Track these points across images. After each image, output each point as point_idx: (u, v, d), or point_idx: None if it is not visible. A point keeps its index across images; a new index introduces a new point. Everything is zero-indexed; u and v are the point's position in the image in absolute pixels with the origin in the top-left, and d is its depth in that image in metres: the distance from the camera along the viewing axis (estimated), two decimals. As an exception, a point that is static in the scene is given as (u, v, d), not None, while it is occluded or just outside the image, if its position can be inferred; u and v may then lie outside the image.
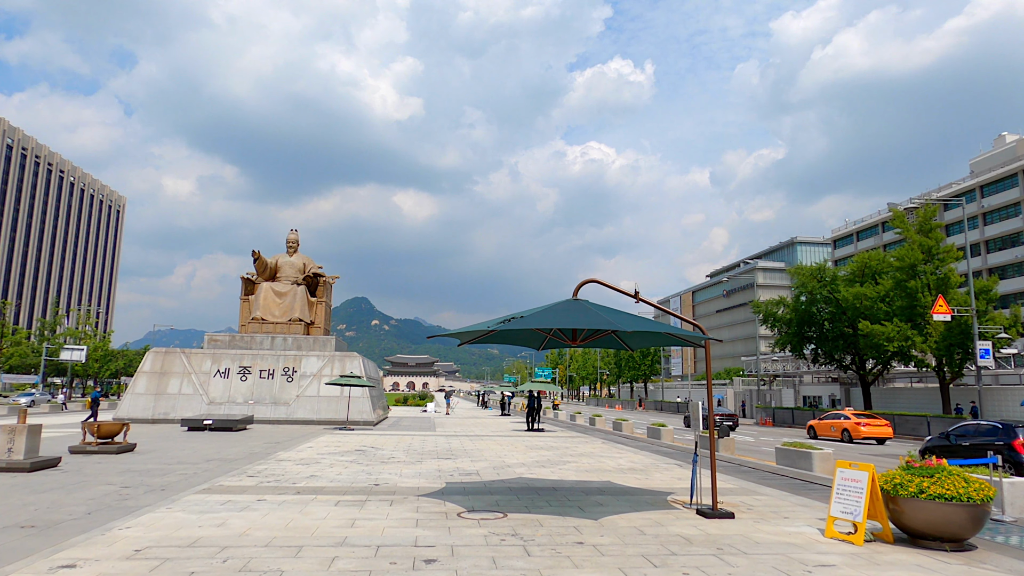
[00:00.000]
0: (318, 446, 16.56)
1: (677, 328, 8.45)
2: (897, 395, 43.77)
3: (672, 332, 8.35)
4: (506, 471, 12.42)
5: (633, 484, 11.00)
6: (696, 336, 8.27)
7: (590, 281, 9.03)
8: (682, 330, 8.34)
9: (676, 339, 9.15)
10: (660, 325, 8.45)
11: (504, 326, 7.57)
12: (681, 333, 8.23)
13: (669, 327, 8.38)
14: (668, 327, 8.39)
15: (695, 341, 9.12)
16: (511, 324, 7.66)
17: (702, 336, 8.21)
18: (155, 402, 25.15)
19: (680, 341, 9.21)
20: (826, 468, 13.49)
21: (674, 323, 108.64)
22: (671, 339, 9.27)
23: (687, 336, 8.50)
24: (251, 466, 12.23)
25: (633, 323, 7.93)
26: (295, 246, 31.62)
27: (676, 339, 9.15)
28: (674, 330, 8.27)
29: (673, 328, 8.37)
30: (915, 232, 34.76)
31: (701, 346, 9.15)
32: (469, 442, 19.14)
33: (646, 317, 9.34)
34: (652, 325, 8.24)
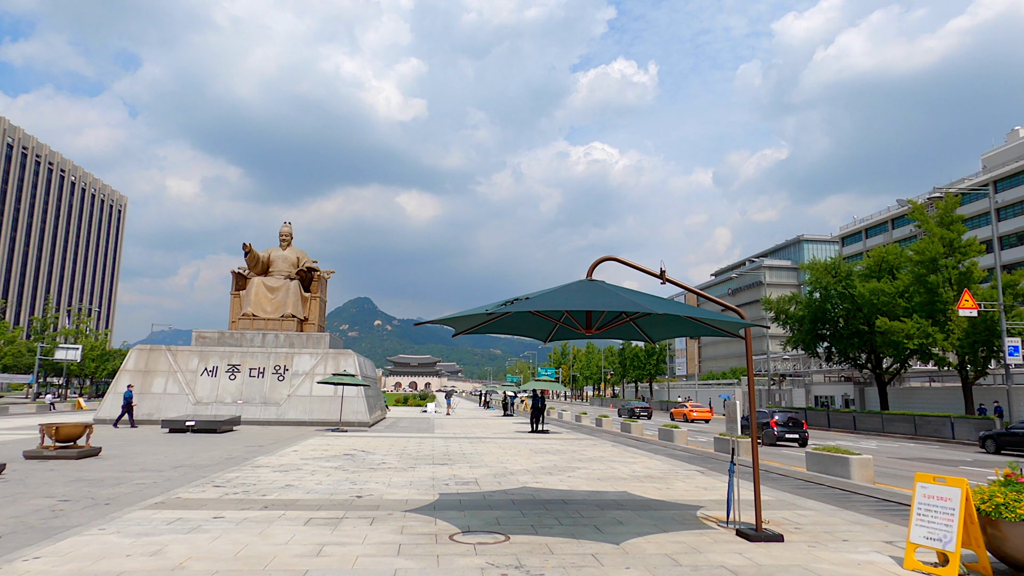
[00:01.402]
0: (304, 450, 15.22)
1: (713, 313, 7.07)
2: (915, 395, 42.26)
3: (707, 319, 6.98)
4: (508, 479, 11.05)
5: (654, 495, 9.62)
6: (734, 322, 6.89)
7: (608, 259, 7.66)
8: (718, 315, 6.95)
9: (709, 327, 7.76)
10: (694, 309, 7.07)
11: (506, 308, 6.22)
12: (717, 318, 6.85)
13: (704, 311, 7.00)
14: (703, 311, 7.01)
15: (730, 329, 7.74)
16: (514, 307, 6.30)
17: (741, 323, 6.82)
18: (138, 402, 23.80)
19: (713, 329, 7.84)
20: (865, 476, 12.10)
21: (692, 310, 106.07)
22: (702, 327, 7.89)
23: (723, 323, 7.12)
24: (222, 474, 10.88)
25: (663, 305, 6.56)
26: (288, 239, 30.31)
27: (709, 327, 7.76)
28: (710, 315, 6.90)
29: (709, 313, 6.99)
30: (935, 225, 33.29)
31: (738, 336, 7.78)
32: (469, 445, 17.78)
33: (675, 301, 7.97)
34: (685, 309, 6.86)
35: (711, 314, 6.92)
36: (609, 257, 7.69)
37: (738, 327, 7.35)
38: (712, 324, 7.66)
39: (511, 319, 8.38)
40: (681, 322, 8.08)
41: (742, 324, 6.95)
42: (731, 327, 7.44)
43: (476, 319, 7.73)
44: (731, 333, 7.84)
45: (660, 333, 8.85)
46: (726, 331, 7.83)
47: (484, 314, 6.81)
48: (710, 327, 7.83)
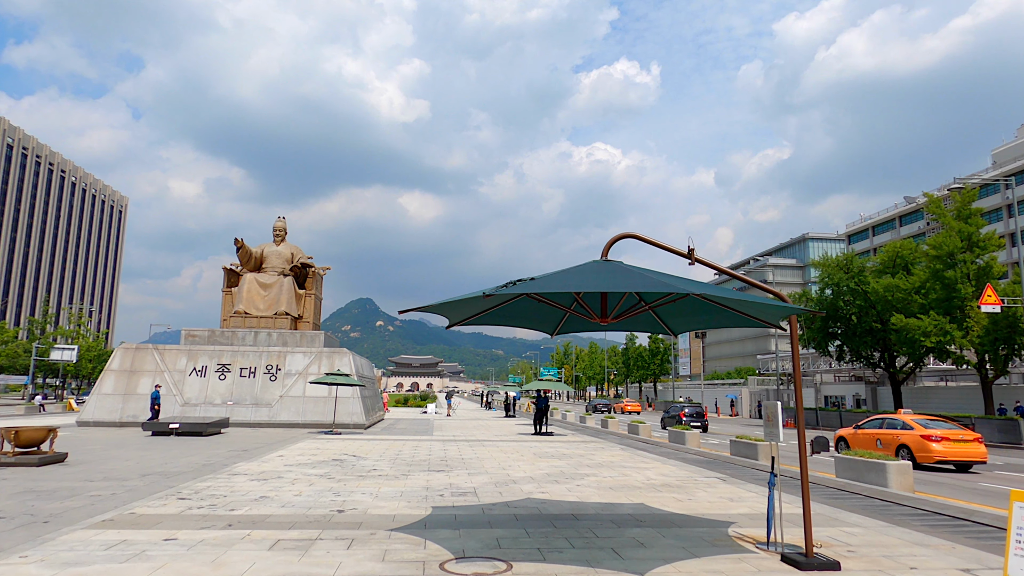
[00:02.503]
0: (290, 454, 14.13)
1: (754, 297, 5.95)
2: (929, 394, 41.07)
3: (748, 301, 5.88)
4: (511, 489, 9.95)
5: (675, 508, 8.51)
6: (779, 308, 5.77)
7: (626, 236, 6.56)
8: (760, 299, 5.84)
9: (745, 315, 6.65)
10: (732, 292, 5.94)
11: (507, 291, 5.12)
12: (759, 302, 5.74)
13: (742, 296, 5.88)
14: (741, 295, 5.89)
15: (771, 318, 6.64)
16: (516, 288, 5.21)
17: (785, 309, 5.72)
18: (123, 403, 22.80)
19: (747, 319, 6.73)
20: (904, 483, 10.97)
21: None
22: (736, 316, 6.77)
23: (765, 309, 6.01)
24: (192, 483, 9.80)
25: (697, 287, 5.45)
26: (282, 234, 29.25)
27: (745, 315, 6.65)
28: (750, 299, 5.79)
29: (750, 297, 5.87)
30: (952, 218, 32.10)
31: (778, 326, 6.67)
32: (468, 449, 16.68)
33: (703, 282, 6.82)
34: (723, 292, 5.73)
35: (751, 298, 5.80)
36: (628, 234, 6.59)
37: (781, 315, 6.25)
38: (749, 313, 6.56)
39: (513, 308, 7.29)
40: (710, 310, 6.97)
41: (788, 311, 5.84)
42: (773, 315, 6.33)
43: (472, 306, 6.64)
44: (770, 323, 6.74)
45: (683, 323, 7.74)
46: (764, 320, 6.72)
47: (480, 298, 5.72)
48: (746, 315, 6.73)
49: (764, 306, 5.83)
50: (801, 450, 5.99)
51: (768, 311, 6.06)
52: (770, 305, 5.67)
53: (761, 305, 5.82)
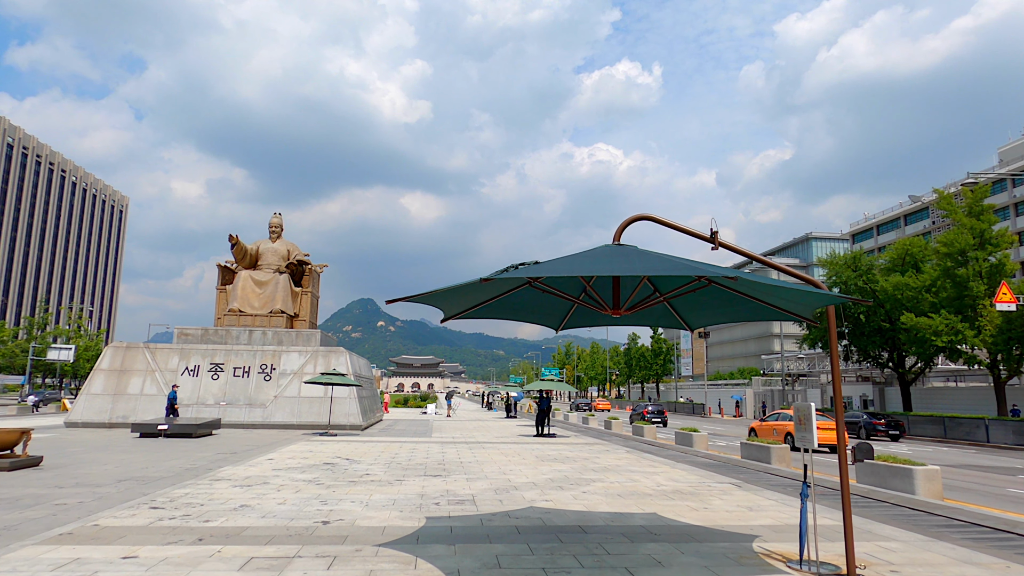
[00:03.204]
0: (281, 458, 13.45)
1: (786, 283, 5.25)
2: (939, 395, 40.28)
3: (783, 287, 5.19)
4: (512, 496, 9.26)
5: (690, 518, 7.81)
6: (817, 296, 5.08)
7: (642, 218, 5.86)
8: (794, 286, 5.13)
9: (773, 307, 5.95)
10: (763, 278, 5.22)
11: (509, 275, 4.44)
12: (795, 289, 5.04)
13: (778, 282, 5.18)
14: (777, 281, 5.19)
15: (803, 310, 5.94)
16: (518, 272, 4.52)
17: (824, 297, 5.02)
18: (113, 404, 22.14)
19: (776, 311, 6.02)
20: (932, 490, 10.27)
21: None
22: (764, 308, 6.07)
23: (800, 298, 5.31)
24: (170, 490, 9.12)
25: (724, 272, 4.75)
26: (278, 231, 28.60)
27: (773, 307, 5.95)
28: (784, 285, 5.09)
29: (783, 283, 5.17)
30: (964, 215, 31.36)
31: (810, 319, 5.98)
32: (468, 452, 15.99)
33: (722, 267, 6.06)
34: (758, 279, 5.02)
35: (786, 285, 5.10)
36: (643, 215, 5.89)
37: (817, 305, 5.55)
38: (778, 304, 5.86)
39: (515, 299, 6.60)
40: (732, 301, 6.27)
41: (827, 299, 5.15)
42: (808, 305, 5.62)
43: (468, 296, 5.95)
44: (800, 316, 6.04)
45: (701, 316, 7.04)
46: (793, 313, 6.02)
47: (477, 285, 5.04)
48: (773, 307, 6.02)
49: (800, 294, 5.14)
50: (842, 457, 5.30)
51: (803, 301, 5.37)
52: (808, 293, 4.97)
53: (797, 293, 5.12)
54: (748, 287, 5.47)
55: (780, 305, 5.95)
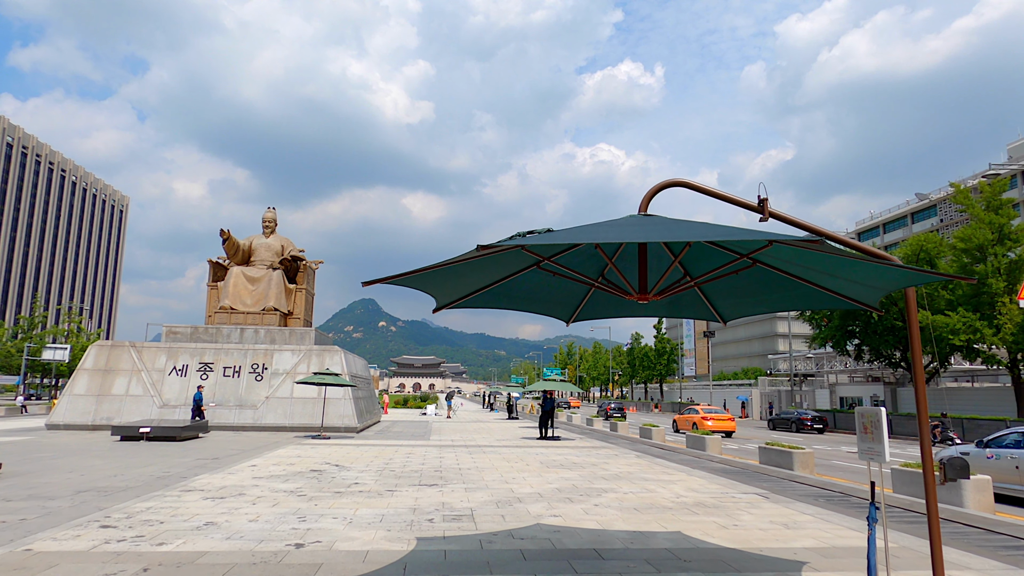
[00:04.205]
0: (264, 464, 12.45)
1: (873, 260, 4.21)
2: (954, 396, 39.18)
3: (856, 256, 4.17)
4: (516, 511, 8.25)
5: (720, 538, 6.80)
6: (903, 276, 4.06)
7: (673, 184, 4.85)
8: (871, 263, 4.10)
9: (838, 296, 4.93)
10: (837, 249, 4.14)
11: (515, 242, 3.43)
12: (878, 266, 4.02)
13: (865, 255, 4.13)
14: (850, 256, 4.14)
15: (868, 298, 4.93)
16: (530, 239, 3.52)
17: (908, 277, 4.01)
18: (97, 405, 21.16)
19: (830, 297, 5.01)
20: (983, 502, 9.25)
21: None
22: (816, 294, 5.05)
23: (873, 277, 4.29)
24: (132, 503, 8.13)
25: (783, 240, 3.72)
26: (272, 226, 27.62)
27: (838, 296, 4.93)
28: (867, 261, 4.06)
29: (864, 258, 4.13)
30: (982, 210, 30.30)
31: (875, 308, 4.96)
32: (467, 456, 14.98)
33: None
34: (842, 251, 3.96)
35: (868, 260, 4.05)
36: (675, 181, 4.88)
37: (895, 286, 4.51)
38: (840, 292, 4.84)
39: (520, 285, 5.59)
40: (777, 285, 5.25)
41: (913, 279, 4.12)
42: (882, 286, 4.59)
43: (463, 279, 4.93)
44: (863, 303, 5.02)
45: (737, 305, 6.01)
46: (858, 300, 4.99)
47: (471, 266, 4.04)
48: (830, 292, 5.00)
49: (877, 273, 4.12)
50: (928, 476, 4.28)
51: (879, 280, 4.33)
52: (890, 271, 3.95)
53: (878, 271, 4.09)
54: (813, 263, 4.44)
55: (841, 289, 4.92)
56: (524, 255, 4.91)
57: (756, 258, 4.93)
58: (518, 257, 4.99)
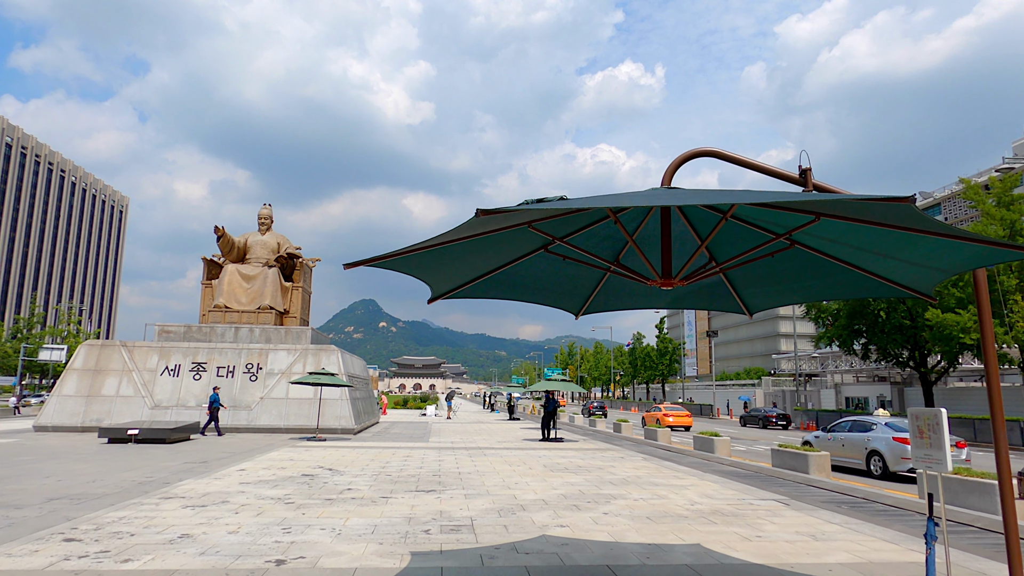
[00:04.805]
0: (254, 468, 11.84)
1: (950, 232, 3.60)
2: (963, 396, 38.55)
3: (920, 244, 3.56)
4: (519, 520, 7.64)
5: (745, 552, 6.18)
6: (978, 252, 3.46)
7: (702, 154, 4.25)
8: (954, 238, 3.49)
9: (874, 278, 4.33)
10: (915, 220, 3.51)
11: (522, 207, 2.83)
12: (957, 239, 3.41)
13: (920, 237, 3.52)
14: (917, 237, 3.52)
15: (921, 286, 4.33)
16: (543, 205, 2.91)
17: (986, 254, 3.41)
18: (86, 406, 20.56)
19: (878, 284, 4.41)
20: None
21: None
22: (861, 279, 4.44)
23: (939, 255, 3.68)
24: (104, 513, 7.52)
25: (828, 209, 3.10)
26: (268, 223, 27.02)
27: (874, 278, 4.33)
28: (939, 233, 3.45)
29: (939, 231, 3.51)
30: (992, 206, 29.66)
31: (927, 296, 4.37)
32: (467, 459, 14.37)
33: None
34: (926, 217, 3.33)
35: (932, 244, 3.44)
36: (704, 150, 4.27)
37: (965, 266, 3.89)
38: (889, 277, 4.22)
39: (525, 271, 4.98)
40: (818, 271, 4.65)
41: (991, 256, 3.51)
42: (939, 271, 3.98)
43: (460, 262, 4.33)
44: (917, 290, 4.41)
45: (768, 294, 5.39)
46: (909, 288, 4.39)
47: (471, 233, 3.43)
48: (879, 278, 4.38)
49: (948, 251, 3.50)
50: (1006, 487, 3.66)
51: (947, 260, 3.72)
52: (966, 248, 3.34)
53: (943, 249, 3.48)
54: (866, 242, 3.83)
55: (892, 274, 4.29)
56: (530, 235, 4.30)
57: (796, 238, 4.32)
58: (523, 238, 4.38)
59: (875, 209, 2.94)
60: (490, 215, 2.70)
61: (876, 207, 2.83)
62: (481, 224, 3.29)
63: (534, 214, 3.46)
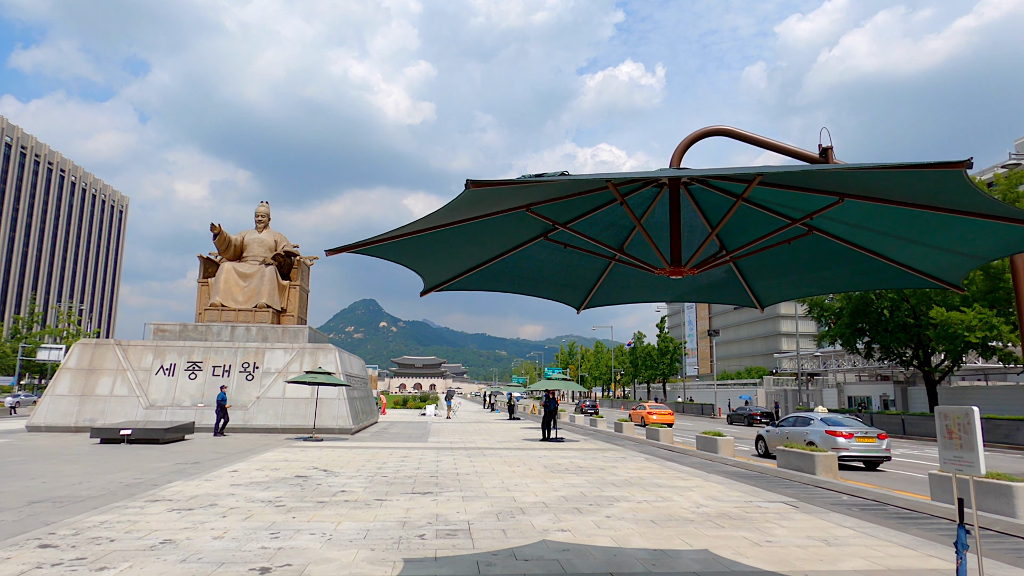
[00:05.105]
0: (247, 469, 11.54)
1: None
2: (969, 395, 38.23)
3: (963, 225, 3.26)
4: (519, 524, 7.34)
5: (755, 558, 5.88)
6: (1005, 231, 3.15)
7: (715, 133, 3.94)
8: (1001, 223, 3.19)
9: (902, 269, 4.03)
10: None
11: (530, 179, 2.53)
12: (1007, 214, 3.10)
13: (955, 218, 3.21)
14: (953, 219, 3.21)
15: (948, 275, 4.04)
16: (547, 177, 2.60)
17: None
18: (80, 406, 20.26)
19: (905, 275, 4.11)
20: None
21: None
22: (887, 270, 4.14)
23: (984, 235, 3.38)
24: (86, 517, 7.22)
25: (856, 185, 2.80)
26: (265, 220, 26.72)
27: (902, 269, 4.03)
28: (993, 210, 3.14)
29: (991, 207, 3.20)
30: (997, 202, 29.33)
31: (956, 287, 4.06)
32: (466, 460, 14.07)
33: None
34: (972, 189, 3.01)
35: (969, 225, 3.13)
36: (717, 129, 3.96)
37: (997, 252, 3.59)
38: (914, 266, 3.92)
39: (523, 261, 4.68)
40: (841, 259, 4.34)
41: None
42: (973, 257, 3.67)
43: (456, 252, 4.03)
44: (946, 281, 4.11)
45: (782, 285, 5.10)
46: (936, 278, 4.08)
47: (459, 218, 3.13)
48: (906, 268, 4.08)
49: (986, 234, 3.20)
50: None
51: (983, 245, 3.41)
52: (1007, 230, 3.04)
53: (980, 232, 3.18)
54: (892, 226, 3.52)
55: (916, 262, 3.99)
56: (529, 221, 3.99)
57: (814, 224, 4.02)
58: (522, 224, 4.08)
59: (917, 183, 2.63)
60: (482, 187, 2.39)
61: (919, 179, 2.52)
62: (474, 203, 2.99)
63: (531, 192, 3.16)
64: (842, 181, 3.10)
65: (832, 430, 15.93)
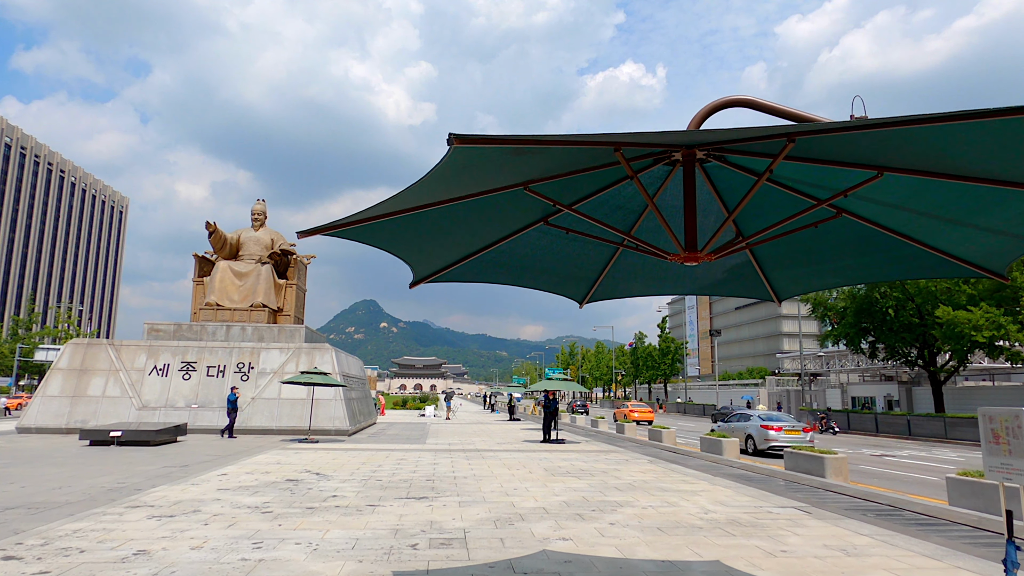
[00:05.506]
0: (237, 472, 11.14)
1: None
2: (975, 395, 37.79)
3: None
4: (518, 532, 6.93)
5: (773, 572, 5.46)
6: None
7: (734, 104, 3.55)
8: None
9: (946, 258, 3.63)
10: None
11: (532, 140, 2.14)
12: None
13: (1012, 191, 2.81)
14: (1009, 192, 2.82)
15: (990, 264, 3.64)
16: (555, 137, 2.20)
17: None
18: (71, 407, 19.88)
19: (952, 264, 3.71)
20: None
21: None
22: (933, 260, 3.74)
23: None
24: (59, 524, 6.83)
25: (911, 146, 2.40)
26: (262, 219, 26.33)
27: (946, 258, 3.63)
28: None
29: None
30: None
31: (1001, 276, 3.66)
32: (464, 462, 13.66)
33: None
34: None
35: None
36: (737, 99, 3.57)
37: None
38: (953, 254, 3.52)
39: (521, 250, 4.28)
40: (871, 246, 3.94)
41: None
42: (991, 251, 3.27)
43: (447, 237, 3.63)
44: (991, 271, 3.71)
45: (802, 277, 4.69)
46: (984, 269, 3.68)
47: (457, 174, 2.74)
48: (944, 255, 3.67)
49: None
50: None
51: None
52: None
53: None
54: (937, 205, 3.12)
55: (957, 249, 3.59)
56: (527, 202, 3.60)
57: (844, 205, 3.62)
58: (519, 206, 3.68)
59: (982, 141, 2.23)
60: (468, 145, 1.99)
61: (986, 134, 2.12)
62: (464, 171, 2.59)
63: (529, 166, 2.75)
64: (892, 145, 2.69)
65: (766, 424, 18.98)
